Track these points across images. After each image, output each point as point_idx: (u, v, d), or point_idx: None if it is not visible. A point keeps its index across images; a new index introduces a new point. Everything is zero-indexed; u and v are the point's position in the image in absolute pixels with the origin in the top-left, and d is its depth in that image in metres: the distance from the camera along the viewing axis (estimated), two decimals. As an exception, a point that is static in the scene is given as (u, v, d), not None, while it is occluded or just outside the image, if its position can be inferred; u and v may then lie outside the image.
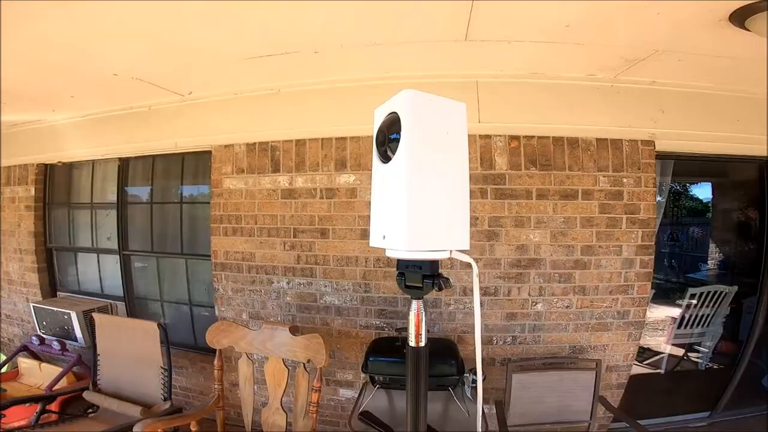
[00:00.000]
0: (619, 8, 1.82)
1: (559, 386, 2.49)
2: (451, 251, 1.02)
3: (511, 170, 2.71)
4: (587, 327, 2.76)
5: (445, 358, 2.26)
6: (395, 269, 1.10)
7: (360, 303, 2.84)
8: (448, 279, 1.02)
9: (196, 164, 3.52)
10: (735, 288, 3.90)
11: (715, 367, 3.98)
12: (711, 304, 3.90)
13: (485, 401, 2.66)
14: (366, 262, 2.81)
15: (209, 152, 3.20)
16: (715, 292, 3.88)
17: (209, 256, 3.22)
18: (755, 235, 4.09)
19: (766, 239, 3.16)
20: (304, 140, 2.90)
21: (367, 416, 1.39)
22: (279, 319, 3.00)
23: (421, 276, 1.03)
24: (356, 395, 2.56)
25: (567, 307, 2.73)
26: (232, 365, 2.90)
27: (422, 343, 1.09)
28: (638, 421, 2.37)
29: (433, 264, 1.03)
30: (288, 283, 2.97)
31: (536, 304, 2.73)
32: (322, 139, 2.86)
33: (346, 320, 2.88)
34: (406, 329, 2.55)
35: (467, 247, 1.04)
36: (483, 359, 2.78)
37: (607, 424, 2.86)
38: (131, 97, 3.21)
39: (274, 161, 2.98)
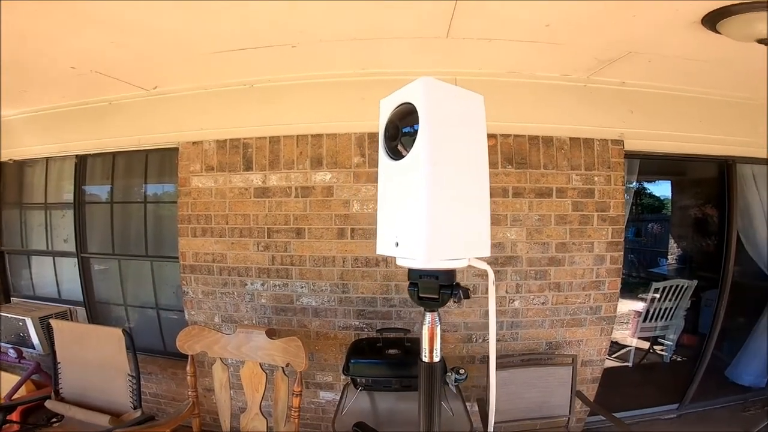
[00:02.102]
0: (599, 9, 1.84)
1: (538, 382, 2.52)
2: (469, 259, 0.93)
3: (489, 168, 2.72)
4: (562, 323, 2.81)
5: (427, 358, 2.23)
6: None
7: (338, 304, 2.79)
8: (467, 289, 0.94)
9: (161, 162, 3.36)
10: (695, 282, 4.08)
11: (679, 359, 4.16)
12: (673, 298, 4.07)
13: (467, 399, 2.67)
14: (344, 262, 2.76)
15: (176, 149, 3.06)
16: (677, 286, 4.06)
17: (177, 257, 3.08)
18: (714, 231, 4.31)
19: (726, 236, 3.29)
20: (278, 137, 2.81)
21: (362, 428, 1.35)
22: (254, 322, 2.91)
23: (438, 286, 0.93)
24: (337, 397, 2.51)
25: (543, 303, 2.78)
26: (205, 370, 2.80)
27: (437, 359, 1.00)
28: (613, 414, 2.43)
29: (451, 273, 0.93)
30: (263, 284, 2.88)
31: (513, 301, 2.76)
32: (298, 136, 2.78)
33: (324, 322, 2.82)
34: (387, 330, 2.53)
35: (488, 254, 0.96)
36: (462, 357, 2.81)
37: (584, 417, 2.93)
38: (90, 92, 3.03)
39: (247, 159, 2.88)
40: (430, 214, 0.84)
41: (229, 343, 2.37)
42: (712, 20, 1.83)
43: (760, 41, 1.83)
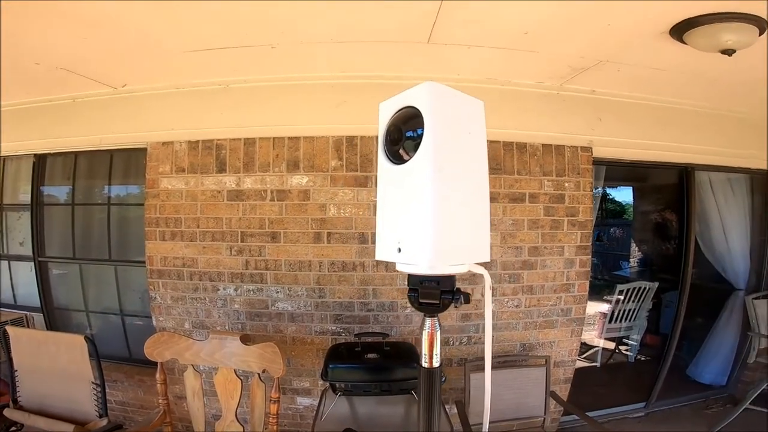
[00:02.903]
0: (576, 17, 1.89)
1: (514, 383, 2.57)
2: (468, 264, 0.93)
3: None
4: (535, 325, 2.87)
5: (407, 362, 2.24)
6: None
7: (315, 309, 2.75)
8: (468, 294, 0.94)
9: (127, 162, 3.24)
10: (656, 284, 4.26)
11: (643, 359, 4.33)
12: (636, 300, 4.24)
13: (445, 402, 2.69)
14: (320, 266, 2.73)
15: (144, 150, 2.95)
16: (640, 288, 4.22)
17: (143, 262, 2.97)
18: (673, 236, 4.51)
19: (685, 240, 3.44)
20: (253, 139, 2.76)
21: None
22: (227, 327, 2.84)
23: (439, 292, 0.93)
24: (314, 403, 2.48)
25: (517, 306, 2.83)
26: (175, 377, 2.72)
27: (436, 364, 0.99)
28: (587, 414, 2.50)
29: (452, 278, 0.93)
30: (236, 289, 2.81)
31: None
32: (274, 138, 2.74)
33: (301, 327, 2.77)
34: (365, 334, 2.52)
35: (488, 259, 0.97)
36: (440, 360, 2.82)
37: (558, 417, 3.00)
38: (54, 89, 2.89)
39: (220, 160, 2.81)
40: (436, 220, 0.83)
41: (202, 350, 2.29)
42: (679, 31, 1.92)
43: (723, 51, 1.92)
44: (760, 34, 1.85)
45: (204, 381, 2.32)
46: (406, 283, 0.98)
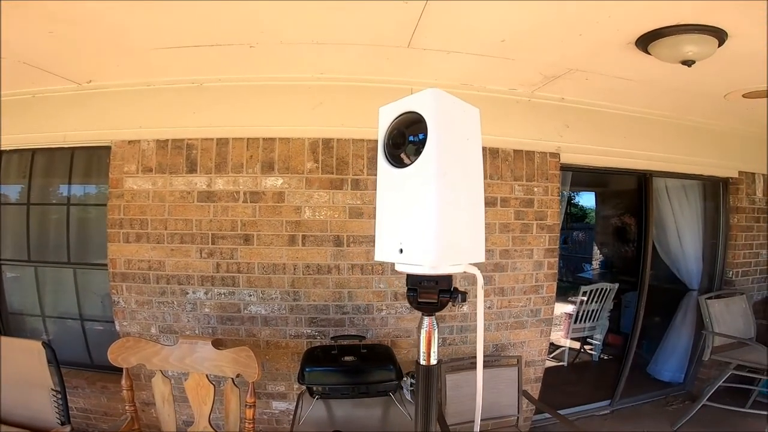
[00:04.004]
0: (551, 26, 1.94)
1: (488, 383, 2.61)
2: (464, 264, 0.96)
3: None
4: (507, 325, 2.94)
5: (384, 364, 2.25)
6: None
7: (289, 312, 2.71)
8: (465, 293, 0.97)
9: (88, 161, 3.09)
10: (617, 285, 4.44)
11: (606, 358, 4.49)
12: (598, 300, 4.40)
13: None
14: (295, 269, 2.69)
15: (108, 148, 2.83)
16: (602, 289, 4.39)
17: (105, 265, 2.85)
18: (632, 239, 4.71)
19: (644, 242, 3.60)
20: (226, 139, 2.70)
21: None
22: (197, 332, 2.75)
23: (437, 292, 0.96)
24: (290, 407, 2.45)
25: (489, 307, 2.88)
26: (141, 383, 2.63)
27: (433, 362, 1.02)
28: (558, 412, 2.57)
29: (449, 278, 0.96)
30: (206, 293, 2.73)
31: (462, 306, 2.83)
32: (248, 138, 2.69)
33: (275, 330, 2.73)
34: (342, 337, 2.51)
35: (483, 260, 1.00)
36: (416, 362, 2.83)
37: (530, 416, 3.07)
38: (11, 83, 2.72)
39: (191, 160, 2.73)
40: (439, 223, 0.85)
41: (171, 355, 2.24)
42: (645, 42, 2.01)
43: (684, 62, 2.02)
44: (719, 46, 1.96)
45: (173, 387, 2.26)
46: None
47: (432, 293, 0.97)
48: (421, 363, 1.02)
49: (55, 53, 2.29)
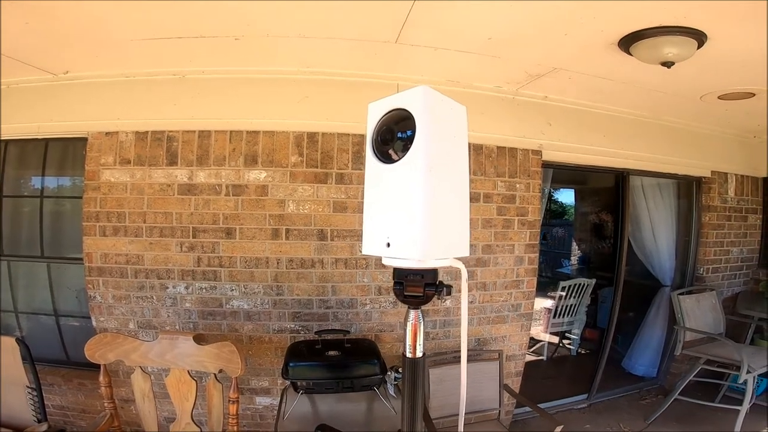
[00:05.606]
0: (538, 26, 1.97)
1: (470, 377, 2.63)
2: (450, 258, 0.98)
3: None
4: (488, 320, 2.98)
5: (368, 359, 2.24)
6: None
7: (272, 306, 2.69)
8: (451, 286, 0.99)
9: (63, 152, 3.00)
10: (594, 280, 4.54)
11: (583, 352, 4.59)
12: (576, 296, 4.49)
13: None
14: (278, 263, 2.67)
15: (84, 139, 2.75)
16: (580, 284, 4.48)
17: (81, 259, 2.77)
18: (608, 235, 4.82)
19: (620, 239, 3.69)
20: (208, 131, 2.65)
21: (324, 430, 1.32)
22: (177, 327, 2.70)
23: (423, 285, 0.98)
24: (274, 402, 2.42)
25: (471, 302, 2.91)
26: (120, 380, 2.58)
27: (419, 354, 1.04)
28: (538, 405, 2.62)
29: (435, 272, 0.98)
30: (187, 287, 2.69)
31: (445, 300, 2.85)
32: (231, 131, 2.64)
33: (258, 325, 2.70)
34: (326, 332, 2.50)
35: (468, 254, 1.02)
36: (400, 357, 2.84)
37: (512, 410, 3.12)
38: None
39: (171, 153, 2.67)
40: (426, 217, 0.88)
41: (151, 351, 2.18)
42: (627, 43, 2.05)
43: (663, 63, 2.07)
44: (698, 48, 2.01)
45: (154, 383, 2.21)
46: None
47: (418, 286, 0.98)
48: (408, 355, 1.05)
49: (31, 45, 2.22)
